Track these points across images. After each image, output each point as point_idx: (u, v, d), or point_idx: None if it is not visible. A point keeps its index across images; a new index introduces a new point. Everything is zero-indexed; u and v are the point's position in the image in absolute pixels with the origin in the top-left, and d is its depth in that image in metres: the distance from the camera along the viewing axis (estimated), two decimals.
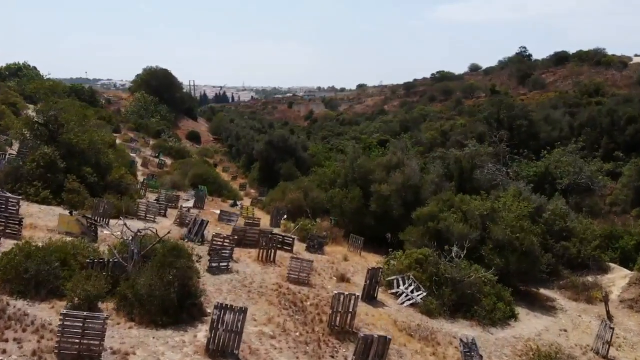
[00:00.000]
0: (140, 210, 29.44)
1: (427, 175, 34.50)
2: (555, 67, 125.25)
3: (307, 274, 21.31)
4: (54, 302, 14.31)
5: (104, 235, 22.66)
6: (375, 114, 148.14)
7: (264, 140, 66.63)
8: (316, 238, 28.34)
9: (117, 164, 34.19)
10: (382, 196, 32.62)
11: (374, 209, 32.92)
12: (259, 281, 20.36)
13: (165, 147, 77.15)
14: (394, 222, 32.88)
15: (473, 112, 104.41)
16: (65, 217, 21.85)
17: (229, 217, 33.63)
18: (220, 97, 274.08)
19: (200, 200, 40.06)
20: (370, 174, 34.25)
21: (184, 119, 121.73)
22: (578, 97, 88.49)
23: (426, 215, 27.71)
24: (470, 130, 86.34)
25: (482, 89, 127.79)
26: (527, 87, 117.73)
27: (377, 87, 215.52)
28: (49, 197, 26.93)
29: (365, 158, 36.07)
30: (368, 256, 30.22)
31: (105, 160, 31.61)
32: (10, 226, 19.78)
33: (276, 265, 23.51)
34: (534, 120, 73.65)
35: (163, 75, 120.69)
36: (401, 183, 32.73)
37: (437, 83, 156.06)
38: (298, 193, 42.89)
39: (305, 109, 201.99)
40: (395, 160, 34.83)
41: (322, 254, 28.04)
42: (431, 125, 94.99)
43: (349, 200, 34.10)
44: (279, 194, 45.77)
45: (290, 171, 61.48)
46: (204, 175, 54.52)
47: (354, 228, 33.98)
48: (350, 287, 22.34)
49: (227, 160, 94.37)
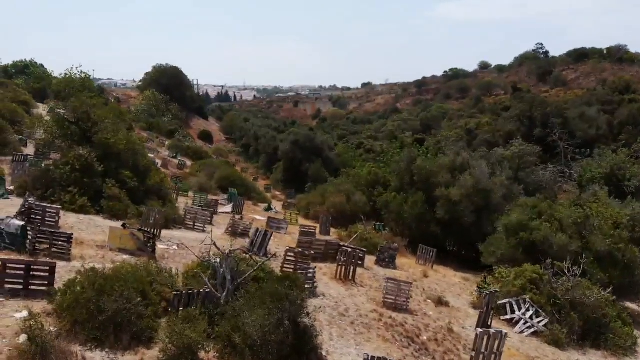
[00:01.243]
0: (187, 218, 26.05)
1: (495, 177, 31.12)
2: (575, 64, 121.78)
3: (406, 299, 17.95)
4: (141, 351, 10.91)
5: (160, 250, 19.30)
6: (388, 113, 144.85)
7: (289, 140, 63.14)
8: (387, 250, 24.97)
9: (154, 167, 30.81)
10: (450, 201, 29.26)
11: (440, 216, 29.55)
12: (354, 308, 16.99)
13: (182, 148, 73.81)
14: (464, 231, 29.54)
15: (496, 110, 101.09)
16: (117, 231, 18.47)
17: (278, 224, 30.27)
18: (222, 97, 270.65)
19: (238, 205, 36.69)
20: (434, 177, 30.87)
21: (195, 118, 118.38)
22: (609, 94, 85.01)
23: (515, 224, 24.33)
24: (497, 129, 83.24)
25: (501, 87, 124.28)
26: (548, 84, 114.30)
27: (385, 85, 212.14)
28: (87, 205, 23.53)
29: (426, 159, 32.61)
30: (442, 270, 26.88)
31: (144, 163, 28.18)
32: (57, 244, 16.38)
33: (358, 284, 20.16)
34: (569, 118, 70.28)
35: (173, 73, 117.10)
36: (471, 187, 29.36)
37: (450, 81, 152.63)
38: (340, 197, 39.59)
39: (312, 108, 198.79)
40: (460, 161, 31.47)
41: (394, 268, 24.68)
42: (454, 124, 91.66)
43: (410, 206, 30.73)
44: (317, 197, 42.41)
45: (319, 172, 58.13)
46: (231, 177, 51.17)
47: (415, 237, 30.68)
48: (453, 312, 19.01)
49: (243, 160, 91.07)
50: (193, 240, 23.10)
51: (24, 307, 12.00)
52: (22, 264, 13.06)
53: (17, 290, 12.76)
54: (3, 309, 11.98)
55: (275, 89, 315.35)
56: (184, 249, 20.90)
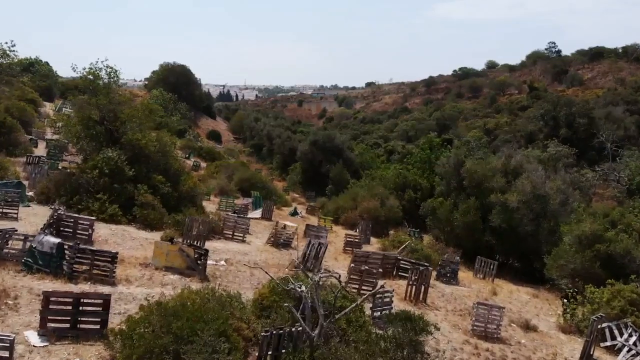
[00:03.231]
0: (227, 227, 23.65)
1: (552, 181, 28.72)
2: (590, 63, 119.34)
3: (498, 326, 15.57)
4: None
5: (209, 267, 16.91)
6: (398, 112, 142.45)
7: (308, 140, 60.68)
8: (449, 264, 22.60)
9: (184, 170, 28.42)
10: (507, 208, 26.87)
11: (496, 224, 27.15)
12: (443, 340, 14.60)
13: (195, 148, 71.47)
14: (520, 240, 27.17)
15: (513, 109, 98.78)
16: (163, 247, 16.09)
17: (317, 232, 27.84)
18: (224, 96, 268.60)
19: (268, 210, 34.31)
20: (486, 181, 28.45)
21: (203, 117, 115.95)
22: (632, 93, 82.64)
23: (589, 235, 21.96)
24: (517, 129, 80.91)
25: (515, 86, 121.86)
26: (564, 84, 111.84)
27: (392, 84, 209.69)
28: (117, 214, 21.18)
29: (477, 161, 30.19)
30: (504, 285, 24.49)
31: (176, 167, 25.78)
32: (99, 265, 13.99)
33: (431, 306, 17.79)
34: (594, 119, 67.83)
35: (181, 71, 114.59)
36: (530, 192, 26.98)
37: (460, 80, 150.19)
38: (374, 201, 37.18)
39: (317, 108, 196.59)
40: (513, 164, 29.08)
41: (457, 284, 22.32)
42: (471, 124, 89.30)
43: (461, 213, 28.34)
44: (348, 201, 39.96)
45: (341, 174, 55.65)
46: (251, 179, 48.78)
47: (466, 247, 28.31)
48: (545, 338, 16.63)
49: (255, 161, 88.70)
50: (237, 253, 20.78)
51: (75, 355, 9.65)
52: (69, 296, 10.66)
53: (64, 330, 10.38)
54: (49, 357, 9.58)
55: (277, 88, 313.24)
56: (232, 264, 18.59)
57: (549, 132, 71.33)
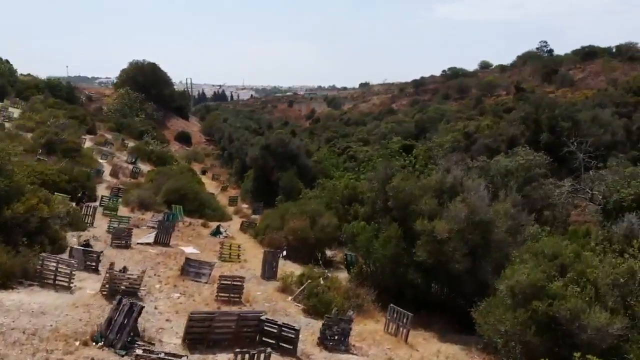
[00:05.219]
0: (48, 266, 17.79)
1: (498, 204, 22.90)
2: (582, 63, 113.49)
3: None
4: None
5: None
6: (383, 114, 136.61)
7: (259, 144, 54.90)
8: (336, 323, 16.73)
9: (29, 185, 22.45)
10: (434, 239, 21.04)
11: (422, 259, 21.33)
12: None
13: (145, 151, 65.63)
14: (453, 278, 21.40)
15: (497, 112, 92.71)
16: None
17: (198, 269, 22.01)
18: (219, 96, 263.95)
19: (164, 232, 28.46)
20: (414, 202, 22.60)
21: (173, 118, 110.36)
22: (623, 95, 76.77)
23: (526, 287, 16.11)
24: (499, 133, 74.93)
25: (503, 86, 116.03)
26: (554, 84, 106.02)
27: (382, 85, 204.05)
28: None
29: (405, 176, 24.25)
30: (422, 341, 18.78)
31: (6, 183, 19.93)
32: None
33: None
34: (579, 122, 61.86)
35: (151, 70, 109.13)
36: (465, 219, 21.15)
37: (449, 80, 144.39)
38: (302, 220, 31.35)
39: (307, 108, 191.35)
40: (450, 181, 23.21)
41: (347, 350, 16.51)
42: (452, 127, 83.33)
43: (382, 242, 22.52)
44: (276, 219, 34.18)
45: (292, 183, 49.97)
46: (182, 190, 42.94)
47: (388, 283, 22.57)
48: None
49: (219, 165, 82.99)
50: (28, 312, 14.96)
51: None
52: None
53: None
54: None
55: (274, 88, 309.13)
56: None
57: (530, 136, 65.56)
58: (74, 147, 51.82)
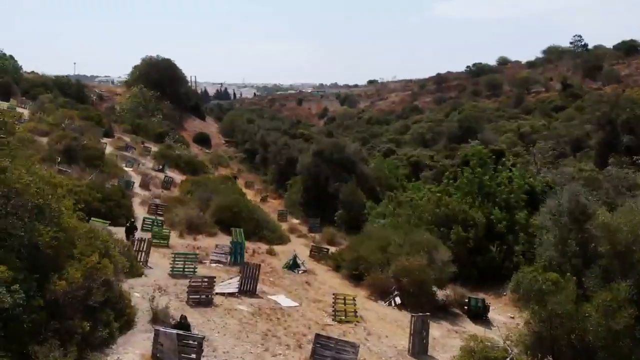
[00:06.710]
0: None
1: None
2: (627, 58, 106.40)
3: None
4: None
5: None
6: (407, 112, 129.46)
7: (311, 150, 47.58)
8: None
9: (83, 237, 14.82)
10: None
11: None
12: None
13: (172, 157, 58.09)
14: None
15: (545, 110, 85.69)
16: None
17: (336, 352, 14.69)
18: (221, 94, 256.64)
19: (250, 277, 21.13)
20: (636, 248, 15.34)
21: (190, 118, 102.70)
22: None
23: None
24: (561, 134, 67.85)
25: (541, 83, 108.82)
26: (599, 80, 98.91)
27: (398, 81, 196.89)
28: None
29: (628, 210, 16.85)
30: None
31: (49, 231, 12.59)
32: None
33: None
34: None
35: (165, 66, 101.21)
36: None
37: (475, 77, 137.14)
38: (419, 258, 23.88)
39: (317, 107, 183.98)
40: None
41: None
42: (501, 127, 76.20)
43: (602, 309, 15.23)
44: (373, 251, 26.68)
45: (354, 195, 42.66)
46: (234, 207, 35.49)
47: None
48: None
49: (247, 169, 75.49)
50: None
51: None
52: None
53: None
54: None
55: (276, 86, 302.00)
56: None
57: (604, 138, 58.49)
58: (96, 153, 44.60)
